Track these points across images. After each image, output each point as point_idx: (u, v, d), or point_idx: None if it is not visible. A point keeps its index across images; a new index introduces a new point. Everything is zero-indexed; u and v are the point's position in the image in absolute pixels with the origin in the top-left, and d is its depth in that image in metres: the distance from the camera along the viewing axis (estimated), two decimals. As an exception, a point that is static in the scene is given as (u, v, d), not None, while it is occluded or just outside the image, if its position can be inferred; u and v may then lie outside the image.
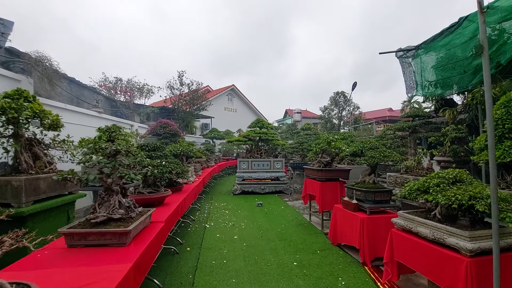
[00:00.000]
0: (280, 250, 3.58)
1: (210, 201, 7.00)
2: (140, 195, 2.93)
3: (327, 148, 4.42)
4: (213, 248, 3.66)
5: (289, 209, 6.02)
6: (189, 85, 12.90)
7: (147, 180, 3.11)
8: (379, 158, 3.21)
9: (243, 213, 5.66)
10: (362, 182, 3.48)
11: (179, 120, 13.07)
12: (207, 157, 9.62)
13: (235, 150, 15.28)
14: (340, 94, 25.53)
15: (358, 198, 3.35)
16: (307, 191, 5.02)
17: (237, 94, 24.48)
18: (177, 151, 5.18)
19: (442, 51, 4.35)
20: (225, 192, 8.41)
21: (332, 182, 4.43)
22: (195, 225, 4.75)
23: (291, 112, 37.56)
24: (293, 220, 5.09)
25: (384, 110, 37.58)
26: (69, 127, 6.00)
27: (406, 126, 4.33)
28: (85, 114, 6.67)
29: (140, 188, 3.08)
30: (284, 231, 4.44)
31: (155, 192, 3.06)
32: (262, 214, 5.60)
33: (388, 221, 3.12)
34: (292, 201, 6.93)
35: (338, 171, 4.44)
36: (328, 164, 4.55)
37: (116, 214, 1.95)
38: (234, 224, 4.86)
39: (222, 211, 5.89)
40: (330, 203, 4.40)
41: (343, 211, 3.52)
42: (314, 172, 4.60)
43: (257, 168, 8.20)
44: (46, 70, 4.92)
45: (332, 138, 4.51)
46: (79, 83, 7.25)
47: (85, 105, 7.47)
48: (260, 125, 8.68)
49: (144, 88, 12.35)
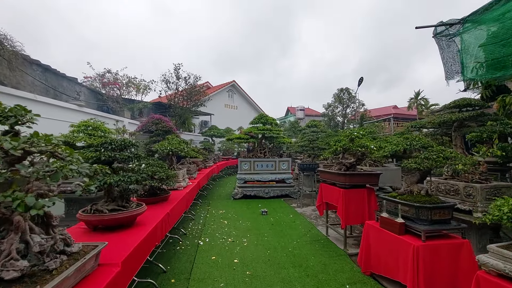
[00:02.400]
0: (295, 284, 2.66)
1: (206, 207, 6.08)
2: (97, 215, 2.02)
3: (350, 147, 3.50)
4: (206, 280, 2.75)
5: (299, 218, 5.10)
6: (186, 78, 11.95)
7: (111, 192, 2.19)
8: (436, 161, 2.28)
9: (245, 224, 4.75)
10: (408, 192, 2.56)
11: (176, 116, 12.15)
12: (204, 157, 8.71)
13: (235, 149, 14.36)
14: (345, 90, 24.57)
15: (405, 215, 2.43)
16: (323, 199, 4.11)
17: (237, 91, 23.53)
18: (165, 151, 4.26)
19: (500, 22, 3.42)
20: (224, 196, 7.50)
21: (358, 189, 3.51)
22: (186, 242, 3.84)
23: (292, 110, 36.58)
24: (306, 234, 4.17)
25: (389, 108, 36.64)
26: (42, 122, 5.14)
27: (454, 118, 3.39)
28: (61, 108, 5.76)
29: (101, 203, 2.17)
30: (297, 250, 3.52)
31: (120, 209, 2.14)
32: (267, 225, 4.69)
33: (454, 250, 2.19)
34: (301, 208, 6.01)
35: (366, 176, 3.51)
36: (352, 166, 3.63)
37: (10, 270, 1.04)
38: (234, 239, 3.94)
39: (220, 221, 4.97)
40: (356, 216, 3.49)
41: (381, 232, 2.60)
42: (334, 177, 3.68)
43: (261, 169, 7.29)
44: (4, 51, 3.99)
45: (356, 134, 3.58)
46: (56, 72, 6.34)
47: (65, 98, 6.55)
48: (264, 121, 7.75)
49: (141, 84, 11.45)
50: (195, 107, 13.02)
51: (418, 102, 31.54)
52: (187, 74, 12.00)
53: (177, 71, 11.76)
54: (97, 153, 2.11)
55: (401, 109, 35.89)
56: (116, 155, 2.14)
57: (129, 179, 2.09)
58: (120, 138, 2.42)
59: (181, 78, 11.91)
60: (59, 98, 6.52)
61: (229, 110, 22.16)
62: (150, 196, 3.20)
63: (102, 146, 2.21)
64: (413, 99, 32.26)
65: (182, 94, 12.10)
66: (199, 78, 12.34)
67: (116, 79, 8.55)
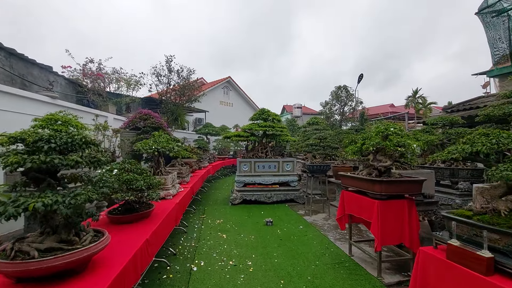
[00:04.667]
0: None
1: (201, 215, 5.26)
2: (17, 262, 1.19)
3: (387, 146, 2.73)
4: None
5: (311, 230, 4.33)
6: (178, 71, 11.03)
7: (49, 220, 1.36)
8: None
9: (248, 239, 3.95)
10: (489, 211, 1.80)
11: (168, 113, 11.23)
12: (198, 157, 7.87)
13: (231, 148, 13.53)
14: (342, 88, 24.01)
15: (493, 246, 1.67)
16: (346, 211, 3.34)
17: (233, 87, 22.64)
18: (149, 151, 3.41)
19: None
20: (221, 201, 6.68)
21: (397, 201, 2.75)
22: (175, 267, 3.01)
23: (288, 108, 35.87)
24: (325, 253, 3.40)
25: (386, 106, 36.39)
26: (4, 117, 4.21)
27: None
28: (29, 99, 4.85)
29: (33, 237, 1.33)
30: (318, 279, 2.74)
31: (61, 248, 1.32)
32: (275, 240, 3.91)
33: None
34: (311, 216, 5.25)
35: (407, 183, 2.75)
36: (387, 171, 2.86)
37: None
38: (236, 262, 3.14)
39: (217, 234, 4.16)
40: (393, 234, 2.73)
41: (451, 268, 1.84)
42: (364, 184, 2.91)
43: (262, 170, 6.49)
44: None
45: (394, 130, 2.82)
46: (24, 58, 5.39)
47: (36, 89, 5.62)
48: (265, 117, 6.94)
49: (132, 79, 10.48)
50: (188, 103, 12.12)
51: (416, 100, 31.18)
52: (180, 67, 11.09)
53: (169, 63, 10.84)
54: (24, 156, 1.29)
55: (397, 108, 35.63)
56: (56, 161, 1.32)
57: (74, 199, 1.27)
58: (66, 133, 1.59)
59: (174, 72, 10.99)
60: (28, 88, 5.59)
61: (224, 107, 21.28)
62: (126, 212, 2.38)
63: (35, 145, 1.39)
64: (411, 97, 31.91)
65: (174, 88, 11.19)
66: (193, 71, 11.45)
67: (99, 69, 7.61)
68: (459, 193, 4.43)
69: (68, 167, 1.38)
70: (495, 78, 14.22)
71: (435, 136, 4.35)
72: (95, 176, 1.83)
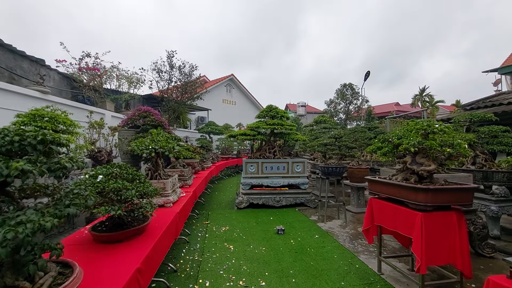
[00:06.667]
0: None
1: (204, 222, 4.80)
2: None
3: (433, 146, 2.24)
4: None
5: (329, 240, 3.86)
6: (180, 67, 10.57)
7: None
8: None
9: (258, 251, 3.48)
10: None
11: (169, 111, 10.78)
12: (201, 157, 7.42)
13: (235, 147, 13.06)
14: (348, 86, 23.43)
15: None
16: (375, 222, 2.86)
17: (236, 85, 22.17)
18: (145, 151, 2.94)
19: None
20: (226, 204, 6.21)
21: (444, 212, 2.26)
22: (176, 287, 2.56)
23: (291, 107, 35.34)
24: (351, 272, 2.92)
25: (391, 105, 35.74)
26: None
27: None
28: (17, 94, 4.41)
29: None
30: (347, 307, 2.27)
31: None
32: (289, 252, 3.43)
33: None
34: (325, 222, 4.77)
35: (456, 192, 2.26)
36: (429, 176, 2.38)
37: None
38: (247, 283, 2.67)
39: (223, 245, 3.70)
40: (441, 253, 2.24)
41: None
42: (401, 191, 2.42)
43: (270, 172, 6.02)
44: None
45: (439, 127, 2.33)
46: (12, 50, 4.95)
47: (26, 83, 5.18)
48: (273, 114, 6.45)
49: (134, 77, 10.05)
50: (191, 100, 11.66)
51: (422, 98, 30.50)
52: (182, 63, 10.62)
53: (170, 59, 10.37)
54: None
55: (403, 106, 34.97)
56: None
57: (13, 231, 0.80)
58: (15, 128, 1.13)
59: (175, 67, 10.52)
60: (17, 83, 5.16)
61: (227, 106, 20.83)
62: (114, 228, 1.91)
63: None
64: (418, 95, 31.23)
65: (176, 86, 10.73)
66: (195, 68, 10.97)
67: (96, 63, 7.16)
68: (495, 199, 3.94)
69: (11, 178, 0.93)
70: (506, 75, 13.64)
71: (471, 134, 3.86)
72: (69, 186, 1.37)
